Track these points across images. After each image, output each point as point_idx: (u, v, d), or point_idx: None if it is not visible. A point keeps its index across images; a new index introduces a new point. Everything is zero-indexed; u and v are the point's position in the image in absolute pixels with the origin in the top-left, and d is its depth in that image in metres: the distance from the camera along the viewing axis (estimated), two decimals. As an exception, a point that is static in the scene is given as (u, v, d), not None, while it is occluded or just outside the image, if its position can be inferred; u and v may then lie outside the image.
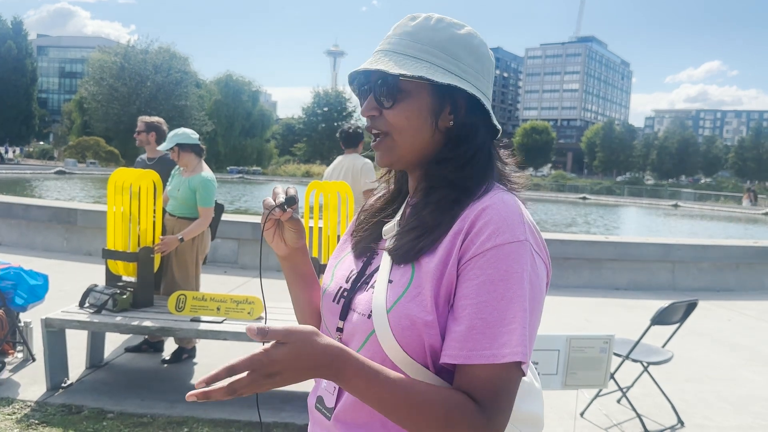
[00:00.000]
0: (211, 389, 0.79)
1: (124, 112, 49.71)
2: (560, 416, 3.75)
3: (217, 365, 0.79)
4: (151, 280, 4.08)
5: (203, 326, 3.66)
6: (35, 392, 3.66)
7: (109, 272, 4.13)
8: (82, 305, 3.87)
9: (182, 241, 4.19)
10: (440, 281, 0.93)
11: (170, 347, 4.51)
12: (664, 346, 3.95)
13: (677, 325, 3.86)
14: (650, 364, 3.72)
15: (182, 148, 4.27)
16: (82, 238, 8.54)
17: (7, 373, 3.94)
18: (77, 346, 4.10)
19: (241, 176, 47.39)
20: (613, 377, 3.62)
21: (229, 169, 52.87)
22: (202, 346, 4.57)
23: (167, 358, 4.36)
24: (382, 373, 0.87)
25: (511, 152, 1.09)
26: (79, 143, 46.56)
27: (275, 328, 0.81)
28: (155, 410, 3.51)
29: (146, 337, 4.49)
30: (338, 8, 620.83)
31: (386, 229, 1.07)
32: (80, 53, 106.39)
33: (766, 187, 71.28)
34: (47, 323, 3.62)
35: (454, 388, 0.90)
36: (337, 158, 5.57)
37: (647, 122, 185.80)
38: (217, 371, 0.79)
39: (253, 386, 0.80)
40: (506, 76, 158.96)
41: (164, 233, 4.32)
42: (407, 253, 0.98)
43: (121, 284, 4.08)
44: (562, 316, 6.44)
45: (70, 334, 3.84)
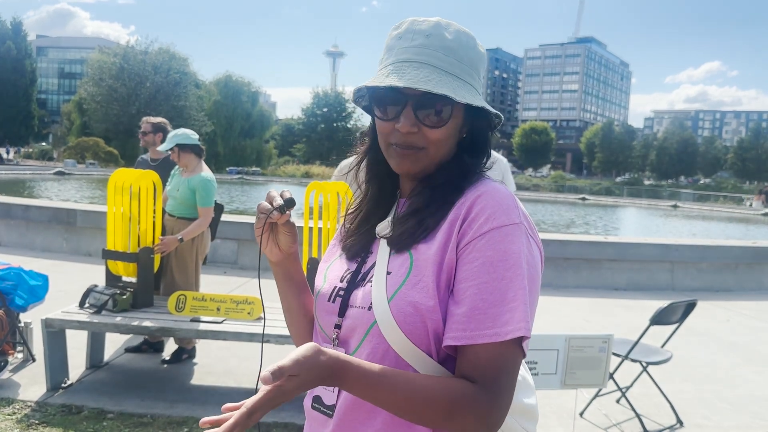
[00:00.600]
0: (229, 424, 0.80)
1: (123, 112, 49.75)
2: (559, 416, 3.75)
3: (216, 366, 0.80)
4: (151, 280, 4.08)
5: (203, 326, 3.66)
6: (35, 392, 3.66)
7: (109, 273, 4.13)
8: (82, 306, 3.88)
9: (182, 241, 4.19)
10: (440, 267, 0.94)
11: (170, 348, 4.52)
12: (663, 346, 3.96)
13: (676, 325, 3.87)
14: (649, 364, 3.73)
15: (182, 148, 4.28)
16: (81, 238, 8.54)
17: (7, 373, 3.95)
18: (77, 346, 4.10)
19: (240, 177, 47.36)
20: (612, 377, 3.63)
21: (228, 169, 52.83)
22: (201, 346, 4.58)
23: (167, 358, 4.36)
24: (382, 374, 0.88)
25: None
26: (78, 144, 46.56)
27: (286, 365, 0.80)
28: (155, 410, 3.52)
29: (146, 337, 4.49)
30: (338, 9, 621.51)
31: (380, 227, 1.08)
32: (79, 54, 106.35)
33: (756, 187, 71.26)
34: (47, 323, 3.63)
35: (455, 375, 0.92)
36: (352, 157, 5.74)
37: (646, 123, 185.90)
38: (237, 420, 0.80)
39: (272, 407, 0.83)
40: (505, 76, 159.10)
41: (164, 233, 4.32)
42: (406, 239, 1.00)
43: (121, 285, 4.09)
44: (561, 316, 6.45)
45: (70, 334, 3.85)
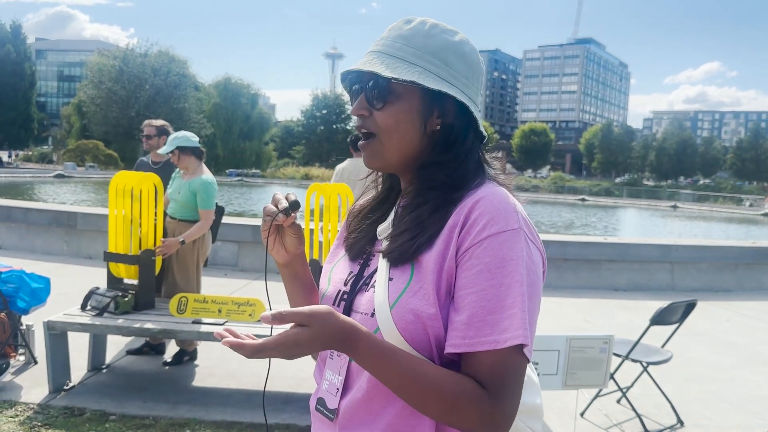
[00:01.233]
0: (242, 342, 0.83)
1: (123, 115, 49.79)
2: (560, 416, 3.76)
3: (218, 367, 0.81)
4: (152, 282, 4.09)
5: (204, 328, 3.67)
6: (38, 395, 3.67)
7: (110, 275, 4.14)
8: (83, 308, 3.89)
9: (183, 243, 4.20)
10: (440, 274, 0.95)
11: (172, 350, 4.53)
12: (663, 346, 3.97)
13: (676, 325, 3.88)
14: (650, 364, 3.74)
15: (182, 151, 4.29)
16: (82, 241, 8.55)
17: (9, 375, 3.96)
18: (79, 348, 4.11)
19: (240, 179, 47.36)
20: (612, 377, 3.64)
21: (228, 172, 52.84)
22: (203, 348, 4.58)
23: (169, 360, 4.37)
24: (393, 351, 0.89)
25: (497, 156, 1.10)
26: (78, 146, 46.62)
27: (297, 311, 0.84)
28: (157, 412, 3.53)
29: (148, 339, 4.50)
30: (337, 11, 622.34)
31: (381, 229, 1.08)
32: (79, 57, 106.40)
33: (765, 188, 71.31)
34: (49, 326, 3.64)
35: (463, 373, 0.92)
36: (346, 161, 6.18)
37: (645, 123, 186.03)
38: (245, 344, 0.83)
39: (279, 356, 0.85)
40: (504, 78, 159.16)
41: (165, 236, 4.33)
42: (403, 254, 0.99)
43: (122, 287, 4.09)
44: (561, 316, 6.46)
45: (71, 336, 3.85)
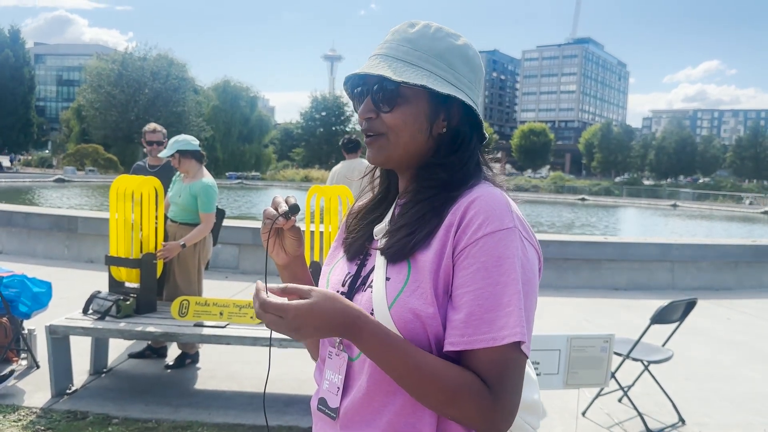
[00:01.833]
0: (260, 292, 0.87)
1: (122, 119, 49.79)
2: (562, 416, 3.77)
3: (220, 370, 0.82)
4: (153, 286, 4.10)
5: (206, 331, 3.68)
6: (40, 399, 3.68)
7: (112, 279, 4.15)
8: (85, 312, 3.90)
9: (184, 246, 4.21)
10: (437, 273, 0.96)
11: (173, 353, 4.54)
12: (664, 345, 3.98)
13: (677, 323, 3.89)
14: (651, 362, 3.75)
15: (183, 154, 4.30)
16: (83, 245, 8.56)
17: (11, 380, 3.97)
18: (81, 352, 4.11)
19: (240, 182, 47.33)
20: (614, 376, 3.65)
21: (228, 174, 52.79)
22: (205, 351, 4.59)
23: (170, 363, 4.38)
24: (397, 340, 0.91)
25: (495, 157, 1.12)
26: (77, 151, 46.59)
27: (299, 285, 0.87)
28: (159, 415, 3.54)
29: (150, 342, 4.51)
30: (336, 12, 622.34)
31: (377, 229, 1.10)
32: (78, 61, 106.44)
33: (765, 186, 71.30)
34: (51, 330, 3.65)
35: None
36: (339, 164, 6.47)
37: (645, 123, 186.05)
38: (258, 296, 0.86)
39: (277, 328, 0.86)
40: (503, 78, 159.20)
41: (166, 239, 4.34)
42: (400, 250, 1.01)
43: (124, 290, 4.10)
44: (562, 316, 6.47)
45: (73, 340, 3.86)
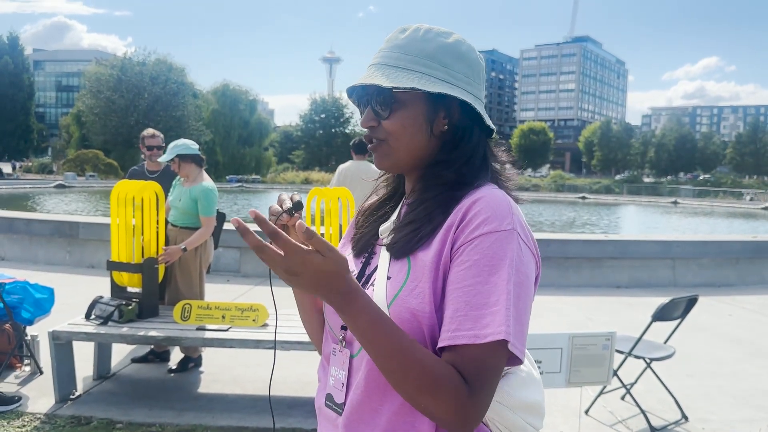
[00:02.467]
0: (249, 231, 0.84)
1: (122, 124, 49.78)
2: (565, 414, 3.77)
3: (223, 374, 0.82)
4: (155, 290, 4.11)
5: (209, 335, 3.69)
6: (44, 405, 3.69)
7: (114, 283, 4.15)
8: (88, 317, 3.91)
9: (185, 250, 4.22)
10: (436, 272, 0.97)
11: (176, 357, 4.54)
12: (666, 342, 3.98)
13: (678, 320, 3.90)
14: (653, 360, 3.76)
15: (183, 158, 4.31)
16: (84, 250, 8.57)
17: (15, 386, 3.98)
18: (84, 358, 4.12)
19: (240, 185, 47.35)
20: (616, 374, 3.65)
21: (228, 178, 52.77)
22: (207, 354, 4.60)
23: (174, 367, 4.39)
24: (386, 319, 0.92)
25: (506, 150, 1.14)
26: (77, 156, 46.59)
27: (320, 238, 0.87)
28: (163, 419, 3.54)
29: (152, 347, 4.52)
30: (334, 15, 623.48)
31: (383, 228, 1.12)
32: (77, 67, 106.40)
33: (765, 182, 71.20)
34: (54, 336, 3.66)
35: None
36: (348, 162, 6.60)
37: (644, 120, 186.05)
38: (269, 225, 0.85)
39: (273, 265, 0.85)
40: (502, 78, 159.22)
41: (167, 243, 4.35)
42: (404, 247, 1.02)
43: (126, 295, 4.11)
44: (564, 315, 6.47)
45: (76, 346, 3.87)
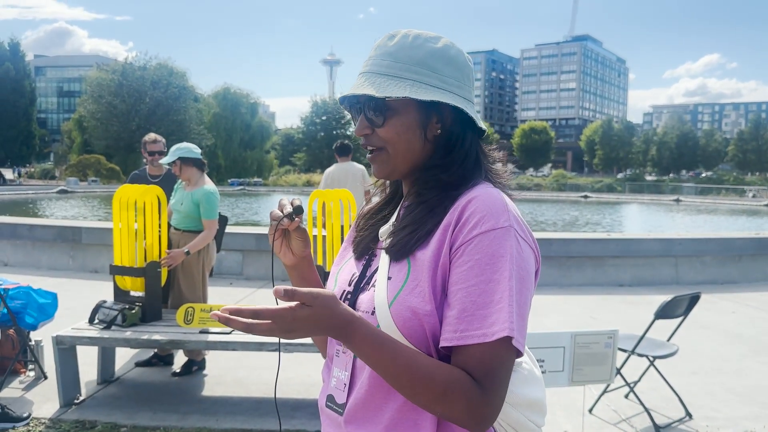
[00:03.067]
0: (232, 318, 0.86)
1: (123, 128, 49.96)
2: (568, 413, 3.77)
3: (226, 376, 0.83)
4: (158, 294, 4.12)
5: (212, 338, 3.70)
6: (49, 409, 3.70)
7: (117, 288, 4.16)
8: (91, 321, 3.92)
9: (188, 254, 4.23)
10: (435, 271, 0.99)
11: (180, 360, 4.55)
12: (669, 339, 3.98)
13: (681, 318, 3.89)
14: (656, 358, 3.75)
15: (184, 162, 4.33)
16: (87, 255, 8.59)
17: (20, 391, 3.99)
18: (88, 362, 4.13)
19: (242, 188, 47.42)
20: (619, 372, 3.65)
21: (230, 181, 52.86)
22: (211, 357, 4.61)
23: (177, 370, 4.40)
24: (388, 342, 0.93)
25: (498, 148, 1.15)
26: (80, 162, 46.70)
27: (302, 291, 0.88)
28: (167, 422, 3.55)
29: (156, 350, 4.53)
30: (334, 17, 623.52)
31: (383, 230, 1.14)
32: (78, 72, 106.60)
33: (767, 178, 71.01)
34: (58, 340, 3.67)
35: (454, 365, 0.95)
36: (332, 166, 6.83)
37: (645, 118, 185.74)
38: (243, 309, 0.86)
39: (269, 334, 0.87)
40: (503, 78, 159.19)
41: (170, 247, 4.36)
42: (402, 248, 1.04)
43: (129, 299, 4.12)
44: (567, 314, 6.47)
45: (80, 350, 3.88)
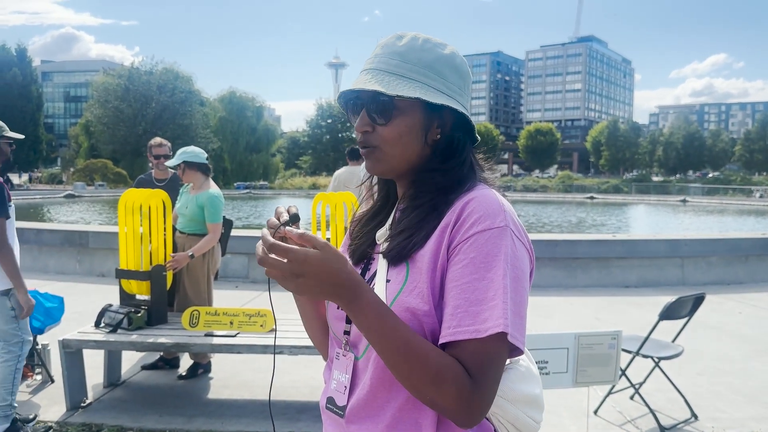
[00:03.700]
0: (258, 246, 0.89)
1: (130, 133, 50.18)
2: (573, 414, 3.77)
3: (232, 379, 0.84)
4: (164, 297, 4.15)
5: (217, 341, 3.72)
6: (56, 413, 3.72)
7: (123, 291, 4.19)
8: (97, 325, 3.94)
9: (193, 257, 4.25)
10: (434, 272, 1.00)
11: (186, 363, 4.57)
12: (674, 340, 3.97)
13: (686, 319, 3.88)
14: (661, 359, 3.74)
15: (189, 165, 4.35)
16: (94, 259, 8.64)
17: (27, 395, 4.02)
18: (94, 366, 4.16)
19: (248, 191, 47.51)
20: (624, 374, 3.65)
21: (236, 185, 53.00)
22: (216, 360, 4.63)
23: (183, 373, 4.42)
24: (392, 314, 0.94)
25: (485, 156, 1.17)
26: (87, 166, 46.98)
27: (316, 236, 0.89)
28: (173, 425, 3.57)
29: (162, 354, 4.55)
30: (340, 20, 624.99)
31: (379, 234, 1.14)
32: (84, 77, 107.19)
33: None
34: (65, 344, 3.70)
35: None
36: (342, 168, 6.86)
37: (651, 119, 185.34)
38: (266, 239, 0.89)
39: (279, 273, 0.88)
40: (508, 79, 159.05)
41: (175, 251, 4.39)
42: (400, 252, 1.05)
43: (135, 303, 4.15)
44: (572, 315, 6.46)
45: (87, 354, 3.91)
